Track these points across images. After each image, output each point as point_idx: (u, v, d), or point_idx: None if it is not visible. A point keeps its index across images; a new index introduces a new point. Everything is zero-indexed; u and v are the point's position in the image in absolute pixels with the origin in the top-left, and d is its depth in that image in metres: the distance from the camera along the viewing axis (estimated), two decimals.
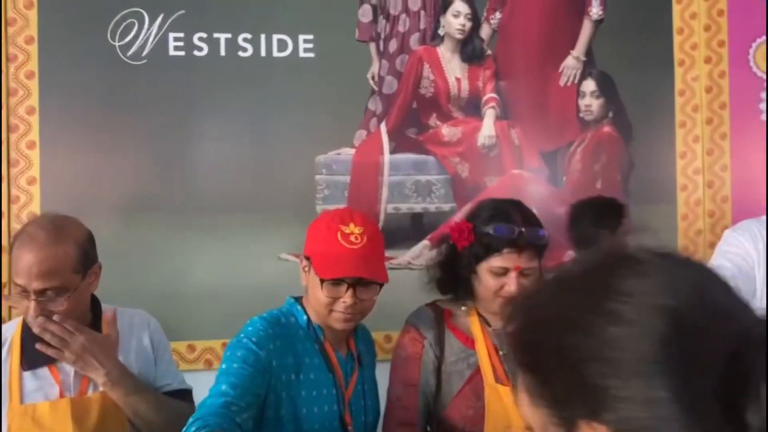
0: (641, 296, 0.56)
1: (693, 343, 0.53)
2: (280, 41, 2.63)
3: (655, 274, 0.57)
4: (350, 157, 2.65)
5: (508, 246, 1.49)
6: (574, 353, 0.56)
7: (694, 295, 0.56)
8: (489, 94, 2.75)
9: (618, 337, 0.54)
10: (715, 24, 2.87)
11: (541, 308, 0.60)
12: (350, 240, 1.42)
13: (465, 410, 1.51)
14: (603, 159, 2.79)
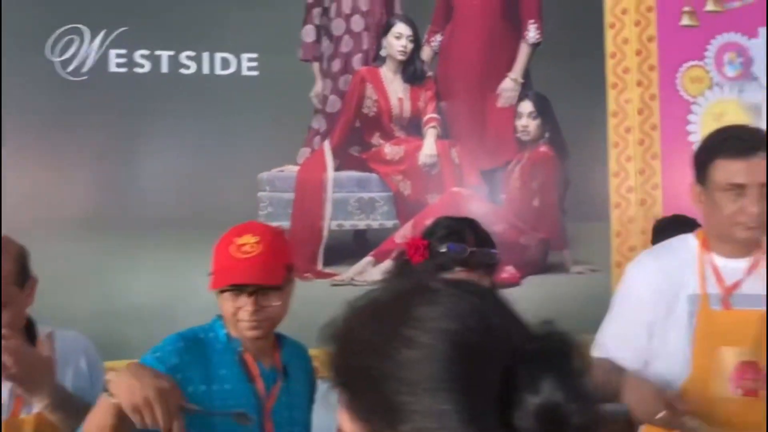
0: (430, 322, 0.63)
1: (473, 362, 0.61)
2: (223, 59, 2.65)
3: (443, 301, 0.65)
4: (294, 174, 2.68)
5: (459, 265, 1.53)
6: (376, 374, 0.63)
7: (475, 319, 0.64)
8: (430, 114, 2.82)
9: (411, 359, 0.62)
10: (646, 49, 3.00)
11: (352, 333, 0.67)
12: (243, 250, 1.42)
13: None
14: (540, 177, 2.89)
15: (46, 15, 2.51)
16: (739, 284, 1.69)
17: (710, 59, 3.05)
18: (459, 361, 0.61)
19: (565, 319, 2.18)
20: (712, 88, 3.04)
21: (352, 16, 2.78)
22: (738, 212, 1.62)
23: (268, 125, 2.65)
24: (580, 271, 2.84)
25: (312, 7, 2.75)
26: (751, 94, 3.05)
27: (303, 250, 2.66)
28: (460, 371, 0.60)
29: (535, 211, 2.88)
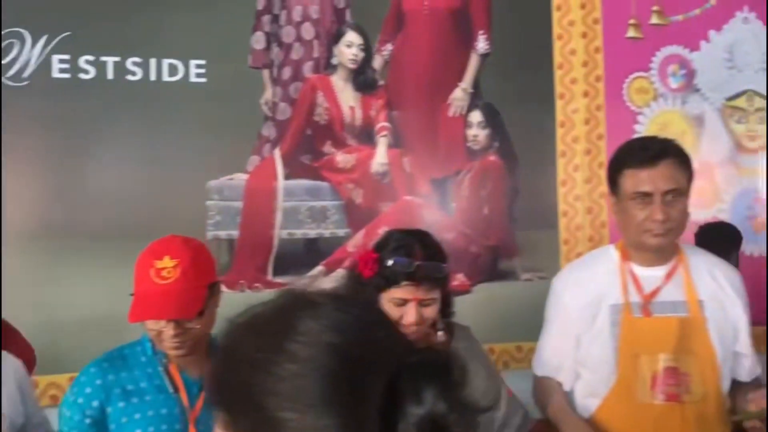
0: (313, 335, 0.63)
1: (356, 376, 0.61)
2: (170, 66, 2.60)
3: (326, 315, 0.65)
4: (243, 183, 2.65)
5: (406, 279, 1.55)
6: (257, 390, 0.62)
7: (358, 332, 0.64)
8: (381, 123, 2.82)
9: (294, 373, 0.61)
10: (593, 60, 3.06)
11: (232, 349, 0.66)
12: (162, 275, 1.42)
13: None
14: (489, 186, 2.91)
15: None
16: (657, 292, 1.74)
17: (655, 71, 3.13)
18: (342, 374, 0.60)
19: (515, 325, 2.23)
20: (656, 99, 3.12)
21: (303, 23, 2.77)
22: (646, 220, 1.68)
23: (217, 133, 2.62)
24: (529, 278, 2.87)
25: (262, 14, 2.73)
26: (693, 105, 3.15)
27: (252, 259, 2.63)
28: (343, 385, 0.60)
29: (485, 220, 2.90)
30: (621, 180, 1.72)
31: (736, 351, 1.80)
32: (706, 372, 1.70)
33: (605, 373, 1.73)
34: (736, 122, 3.19)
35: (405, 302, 1.56)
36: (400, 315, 1.57)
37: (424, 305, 1.57)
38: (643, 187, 1.68)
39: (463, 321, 2.86)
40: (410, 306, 1.56)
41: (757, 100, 3.22)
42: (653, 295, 1.74)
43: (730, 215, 3.14)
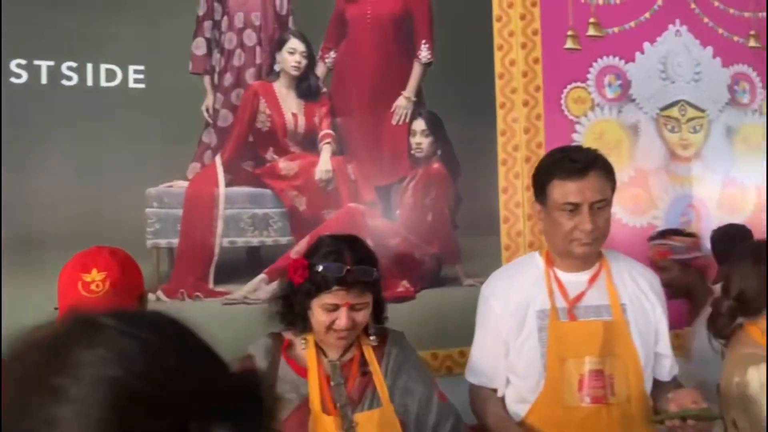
0: (88, 368, 0.53)
1: (136, 417, 0.52)
2: (108, 71, 2.55)
3: (107, 341, 0.55)
4: (183, 190, 2.61)
5: (336, 284, 1.55)
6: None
7: (143, 362, 0.55)
8: (325, 130, 2.82)
9: (59, 417, 0.51)
10: (532, 71, 3.13)
11: (6, 384, 0.54)
12: (90, 289, 1.40)
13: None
14: (433, 194, 2.94)
15: None
16: (582, 296, 1.80)
17: (592, 81, 3.21)
18: (119, 417, 0.51)
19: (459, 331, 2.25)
20: (593, 108, 3.20)
21: (245, 30, 2.75)
22: (574, 229, 1.72)
23: (157, 139, 2.57)
24: (471, 284, 2.90)
25: (203, 19, 2.70)
26: (628, 115, 3.24)
27: (193, 268, 2.58)
28: (125, 428, 0.51)
29: (428, 226, 2.93)
30: (549, 190, 1.77)
31: (657, 352, 1.86)
32: (629, 374, 1.75)
33: (534, 379, 1.76)
34: (670, 131, 3.30)
35: (336, 307, 1.57)
36: (332, 320, 1.58)
37: (356, 310, 1.58)
38: (572, 198, 1.73)
39: (408, 327, 2.87)
40: (342, 311, 1.57)
41: (689, 111, 3.34)
42: (578, 300, 1.79)
43: (664, 222, 3.24)
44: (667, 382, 1.89)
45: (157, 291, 2.51)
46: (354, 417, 1.56)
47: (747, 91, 3.45)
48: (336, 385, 1.59)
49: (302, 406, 1.57)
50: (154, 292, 2.49)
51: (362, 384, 1.63)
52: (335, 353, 1.65)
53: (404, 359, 1.69)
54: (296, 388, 1.58)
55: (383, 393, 1.62)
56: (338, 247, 1.64)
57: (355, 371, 1.64)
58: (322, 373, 1.60)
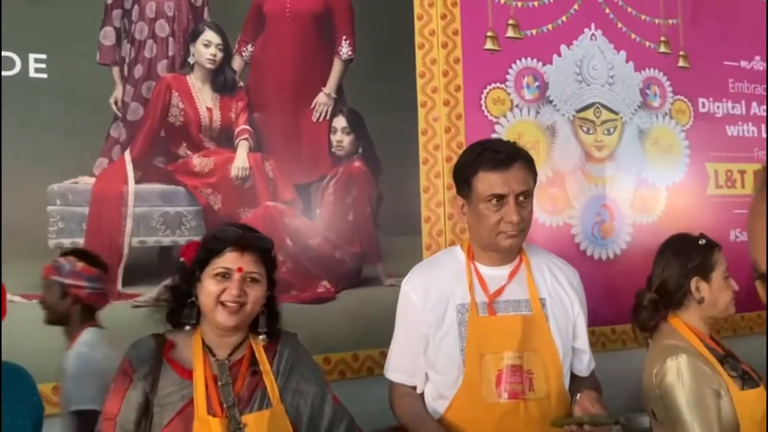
0: None
1: None
2: (5, 58, 2.38)
3: None
4: (89, 187, 2.46)
5: (230, 245, 1.49)
6: None
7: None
8: (242, 126, 2.73)
9: None
10: (453, 70, 3.13)
11: None
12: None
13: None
14: (354, 192, 2.89)
15: None
16: (501, 291, 1.79)
17: (511, 82, 3.25)
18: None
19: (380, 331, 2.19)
20: (512, 109, 3.24)
21: (157, 20, 2.63)
22: (500, 221, 1.72)
23: (60, 132, 2.42)
24: (393, 284, 2.87)
25: (111, 8, 2.56)
26: (546, 116, 3.29)
27: None
28: None
29: (349, 226, 2.88)
30: (474, 182, 1.75)
31: (575, 347, 1.87)
32: (548, 369, 1.75)
33: (453, 374, 1.74)
34: (585, 133, 3.37)
35: (228, 274, 1.51)
36: (221, 290, 1.50)
37: (249, 281, 1.52)
38: (497, 190, 1.72)
39: (328, 327, 2.82)
40: (234, 278, 1.51)
41: (604, 113, 3.43)
42: (498, 294, 1.78)
43: (580, 221, 3.31)
44: (585, 378, 1.90)
45: None
46: (242, 418, 1.48)
47: (657, 95, 3.57)
48: (223, 384, 1.51)
49: (186, 408, 1.48)
50: None
51: (252, 384, 1.55)
52: (223, 351, 1.57)
53: (297, 359, 1.63)
54: (180, 390, 1.50)
55: (274, 393, 1.55)
56: (233, 223, 1.68)
57: (244, 370, 1.56)
58: (209, 372, 1.52)
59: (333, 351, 2.77)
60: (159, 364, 1.50)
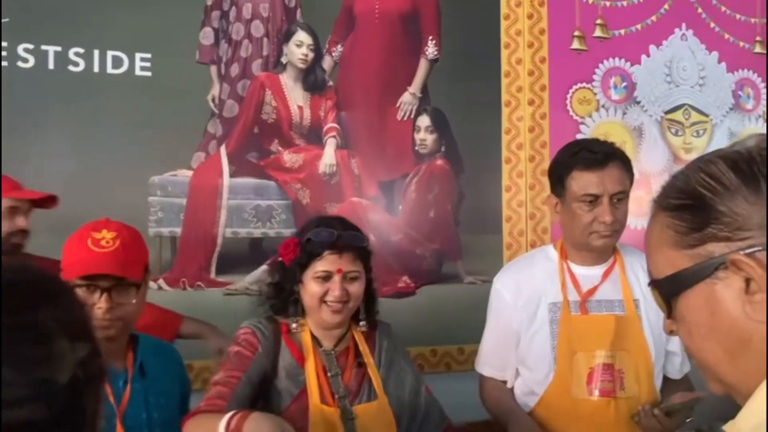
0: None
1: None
2: (115, 58, 2.54)
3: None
4: (187, 179, 2.60)
5: (328, 249, 1.54)
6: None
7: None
8: (330, 124, 2.82)
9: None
10: (538, 70, 3.13)
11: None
12: (100, 244, 1.40)
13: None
14: (435, 190, 2.94)
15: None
16: (594, 290, 1.80)
17: (597, 82, 3.22)
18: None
19: (458, 327, 2.25)
20: (598, 109, 3.21)
21: (253, 21, 2.74)
22: (593, 221, 1.72)
23: (162, 128, 2.57)
24: (472, 281, 2.90)
25: (211, 9, 2.69)
26: (633, 117, 3.25)
27: (195, 257, 2.58)
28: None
29: (430, 223, 2.93)
30: (568, 182, 1.76)
31: (668, 350, 1.86)
32: (639, 369, 1.76)
33: (543, 371, 1.76)
34: (674, 134, 3.31)
35: (329, 276, 1.55)
36: (325, 290, 1.55)
37: (349, 279, 1.57)
38: (591, 190, 1.72)
39: (407, 322, 2.88)
40: (335, 279, 1.55)
41: (693, 114, 3.35)
42: (590, 294, 1.79)
43: None
44: (678, 380, 1.89)
45: (158, 280, 2.51)
46: (353, 409, 1.55)
47: (751, 97, 3.45)
48: (333, 375, 1.58)
49: (301, 395, 1.55)
50: (156, 281, 2.48)
51: (358, 376, 1.62)
52: (329, 342, 1.63)
53: (394, 350, 1.70)
54: (294, 377, 1.57)
55: (378, 385, 1.62)
56: (326, 219, 1.66)
57: (351, 362, 1.62)
58: (319, 363, 1.59)
59: (411, 345, 2.81)
60: (278, 344, 1.58)
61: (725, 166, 0.69)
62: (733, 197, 0.67)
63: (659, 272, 0.75)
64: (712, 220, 0.68)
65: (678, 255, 0.71)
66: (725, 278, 0.68)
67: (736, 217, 0.67)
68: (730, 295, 0.68)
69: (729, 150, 0.71)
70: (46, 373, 0.58)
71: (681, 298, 0.72)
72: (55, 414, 0.57)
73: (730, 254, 0.67)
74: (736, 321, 0.67)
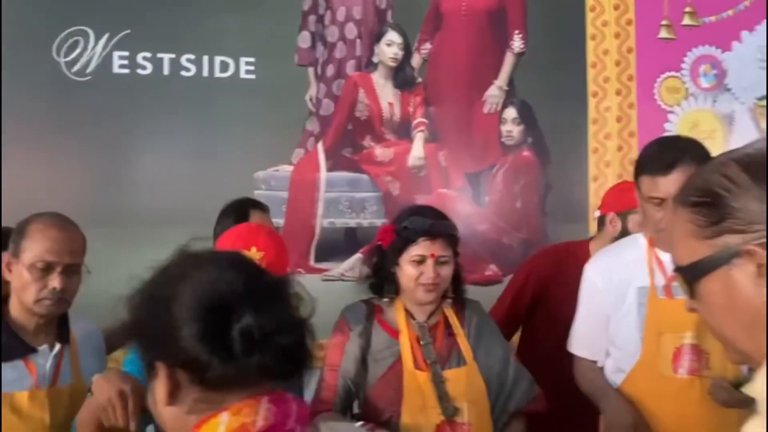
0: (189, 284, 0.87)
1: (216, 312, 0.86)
2: (222, 62, 2.77)
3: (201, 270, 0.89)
4: (288, 174, 2.81)
5: (423, 236, 1.70)
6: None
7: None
8: (419, 119, 2.95)
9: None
10: (625, 60, 3.15)
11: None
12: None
13: (387, 391, 1.71)
14: (522, 181, 3.03)
15: (53, 16, 2.62)
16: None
17: (686, 71, 3.20)
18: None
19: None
20: (687, 98, 3.20)
21: (346, 23, 2.91)
22: (660, 221, 1.78)
23: (265, 126, 2.78)
24: None
25: (308, 14, 2.87)
26: (723, 105, 3.21)
27: (296, 246, 2.78)
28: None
29: (517, 213, 3.02)
30: (640, 182, 1.83)
31: None
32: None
33: (631, 350, 1.84)
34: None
35: (423, 259, 1.71)
36: (420, 273, 1.71)
37: (440, 263, 1.72)
38: (656, 193, 1.79)
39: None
40: (428, 263, 1.70)
41: None
42: (675, 278, 1.84)
43: None
44: None
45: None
46: (444, 373, 1.71)
47: None
48: (425, 344, 1.74)
49: (396, 363, 1.73)
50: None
51: (448, 344, 1.76)
52: (422, 316, 1.78)
53: (483, 324, 1.85)
54: (390, 348, 1.75)
55: (467, 353, 1.76)
56: (420, 208, 1.83)
57: (441, 332, 1.78)
58: (412, 333, 1.75)
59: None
60: (371, 325, 1.77)
61: (738, 167, 0.78)
62: (745, 195, 0.77)
63: (682, 260, 0.84)
64: (727, 215, 0.78)
65: (699, 245, 0.81)
66: (740, 265, 0.77)
67: (749, 213, 0.76)
68: (745, 279, 0.77)
69: (742, 152, 0.80)
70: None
71: (702, 282, 0.82)
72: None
73: (744, 245, 0.77)
74: (750, 300, 0.77)
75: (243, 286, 0.85)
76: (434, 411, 1.67)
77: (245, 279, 0.86)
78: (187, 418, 0.84)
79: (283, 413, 0.85)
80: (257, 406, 0.83)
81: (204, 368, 0.81)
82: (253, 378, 0.83)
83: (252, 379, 0.83)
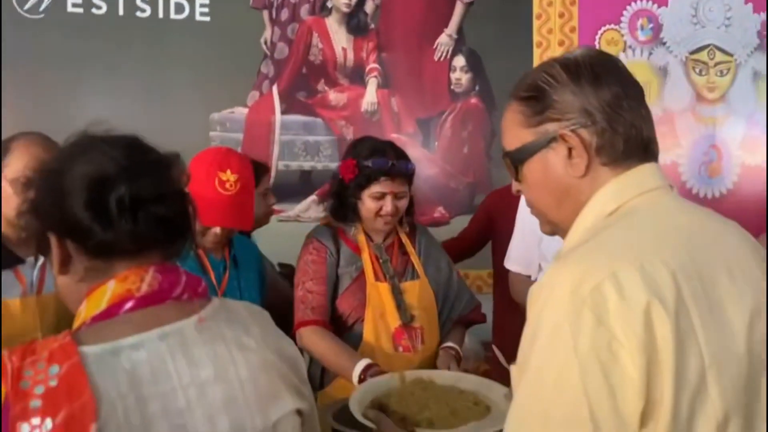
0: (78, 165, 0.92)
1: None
2: (177, 4, 2.78)
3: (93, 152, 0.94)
4: (243, 116, 2.86)
5: (384, 175, 1.85)
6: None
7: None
8: (372, 65, 3.03)
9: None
10: (568, 12, 3.28)
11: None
12: (225, 187, 1.66)
13: (352, 300, 1.90)
14: (470, 127, 3.16)
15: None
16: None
17: (625, 24, 3.36)
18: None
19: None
20: (625, 50, 3.36)
21: None
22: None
23: (220, 68, 2.81)
24: None
25: None
26: (658, 57, 3.40)
27: None
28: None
29: (464, 158, 3.16)
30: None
31: None
32: None
33: None
34: (698, 74, 3.45)
35: (383, 196, 1.88)
36: (379, 207, 1.89)
37: (398, 198, 1.90)
38: None
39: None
40: (387, 199, 1.88)
41: (717, 54, 3.48)
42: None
43: (687, 160, 3.43)
44: None
45: None
46: (401, 285, 1.92)
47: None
48: (384, 261, 1.94)
49: (359, 276, 1.92)
50: None
51: (403, 262, 1.97)
52: (379, 238, 1.98)
53: (431, 245, 2.07)
54: (353, 263, 1.93)
55: (419, 268, 1.97)
56: (382, 146, 1.95)
57: (396, 251, 1.98)
58: (372, 252, 1.94)
59: None
60: (339, 242, 1.94)
61: (560, 67, 0.94)
62: (563, 89, 0.93)
63: (510, 145, 1.00)
64: (548, 106, 0.93)
65: (525, 132, 0.96)
66: (556, 147, 0.93)
67: (565, 104, 0.92)
68: (558, 160, 0.94)
69: (565, 56, 0.96)
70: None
71: (526, 164, 0.97)
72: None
73: (559, 130, 0.92)
74: (561, 177, 0.94)
75: (127, 161, 0.91)
76: (393, 317, 1.87)
77: (130, 154, 0.93)
78: (80, 286, 0.91)
79: (170, 282, 0.91)
80: (143, 274, 0.89)
81: (87, 236, 0.87)
82: (133, 246, 0.89)
83: (133, 247, 0.89)
